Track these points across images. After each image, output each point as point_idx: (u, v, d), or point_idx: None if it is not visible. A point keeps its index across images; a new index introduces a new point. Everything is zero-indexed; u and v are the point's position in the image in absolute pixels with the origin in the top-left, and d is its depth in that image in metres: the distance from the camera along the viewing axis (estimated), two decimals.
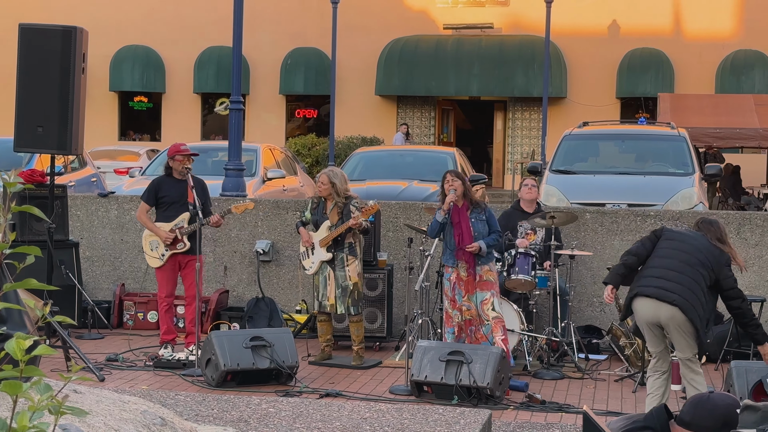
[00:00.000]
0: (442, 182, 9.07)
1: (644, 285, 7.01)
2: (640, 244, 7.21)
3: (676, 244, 7.10)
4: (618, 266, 7.11)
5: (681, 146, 14.36)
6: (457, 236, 8.86)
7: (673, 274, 6.98)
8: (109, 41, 30.32)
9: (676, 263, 7.00)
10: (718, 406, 3.41)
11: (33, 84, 9.11)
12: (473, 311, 8.90)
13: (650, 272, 7.02)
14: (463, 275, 8.91)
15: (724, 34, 29.43)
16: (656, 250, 7.10)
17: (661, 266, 7.00)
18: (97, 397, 3.81)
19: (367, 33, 30.42)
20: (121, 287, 11.35)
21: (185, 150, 9.57)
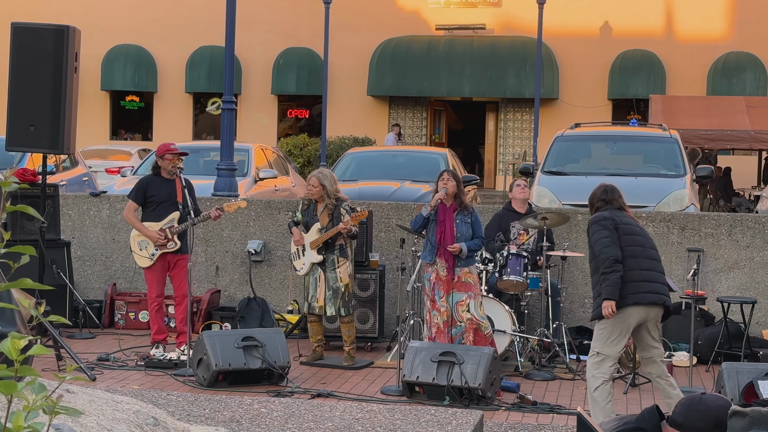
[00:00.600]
0: (438, 180, 9.10)
1: (637, 292, 7.04)
2: (615, 247, 7.14)
3: (638, 239, 7.23)
4: (615, 279, 7.03)
5: (672, 148, 14.38)
6: (439, 234, 8.90)
7: (653, 274, 7.09)
8: (101, 40, 30.26)
9: (649, 262, 7.18)
10: (710, 407, 3.42)
11: (25, 83, 9.09)
12: (449, 311, 8.92)
13: (636, 276, 7.05)
14: (442, 275, 8.93)
15: (716, 36, 29.50)
16: (624, 249, 7.12)
17: (640, 268, 7.07)
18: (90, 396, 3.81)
19: (360, 33, 30.42)
20: (112, 287, 11.34)
21: (174, 149, 9.57)
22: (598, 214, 7.37)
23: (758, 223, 10.58)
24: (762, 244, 10.49)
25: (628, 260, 7.13)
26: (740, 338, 9.79)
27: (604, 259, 7.09)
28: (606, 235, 7.19)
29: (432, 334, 8.94)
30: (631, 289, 7.07)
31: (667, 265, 10.54)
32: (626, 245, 7.15)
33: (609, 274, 7.04)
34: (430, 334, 8.98)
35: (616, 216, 7.32)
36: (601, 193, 7.54)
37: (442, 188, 8.95)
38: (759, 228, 10.53)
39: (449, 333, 8.91)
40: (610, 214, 7.28)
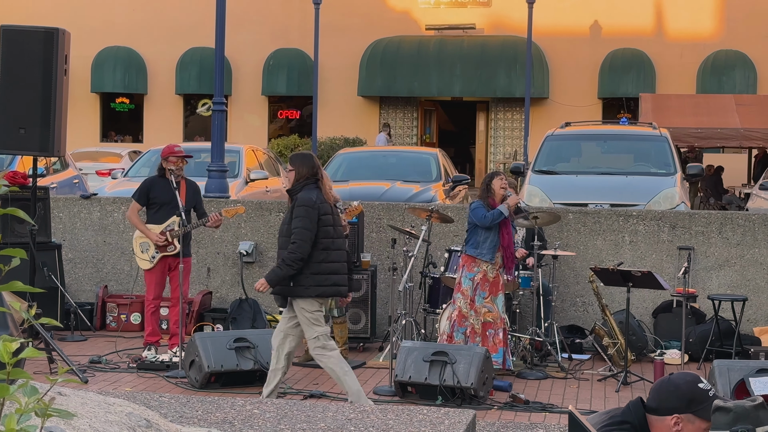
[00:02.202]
0: (492, 177, 9.09)
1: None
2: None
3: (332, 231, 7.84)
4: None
5: (663, 146, 14.41)
6: (506, 234, 8.89)
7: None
8: (91, 42, 30.22)
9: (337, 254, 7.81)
10: (679, 385, 3.47)
11: (15, 86, 9.07)
12: (495, 313, 8.89)
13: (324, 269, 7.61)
14: (490, 276, 8.89)
15: (705, 34, 29.56)
16: (319, 242, 7.61)
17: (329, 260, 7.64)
18: (82, 399, 3.81)
19: (350, 34, 30.43)
20: (103, 289, 11.32)
21: (179, 151, 9.55)
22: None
23: (748, 221, 10.61)
24: (752, 242, 10.53)
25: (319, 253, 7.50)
26: (731, 336, 9.81)
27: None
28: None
29: (467, 334, 8.86)
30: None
31: (658, 263, 10.57)
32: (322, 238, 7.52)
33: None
34: (465, 331, 8.89)
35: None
36: None
37: (503, 190, 8.99)
38: (749, 226, 10.56)
39: (489, 335, 8.86)
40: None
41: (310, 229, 7.41)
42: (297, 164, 7.66)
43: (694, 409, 3.42)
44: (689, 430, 3.42)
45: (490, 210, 8.86)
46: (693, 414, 3.42)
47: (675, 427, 3.43)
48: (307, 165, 7.64)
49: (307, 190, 7.53)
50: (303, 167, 7.63)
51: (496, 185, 9.01)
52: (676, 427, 3.43)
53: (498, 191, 8.99)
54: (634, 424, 3.45)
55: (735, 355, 9.55)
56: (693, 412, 3.42)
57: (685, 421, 3.42)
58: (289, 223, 7.48)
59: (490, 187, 9.02)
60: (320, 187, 7.59)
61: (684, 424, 3.42)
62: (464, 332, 8.87)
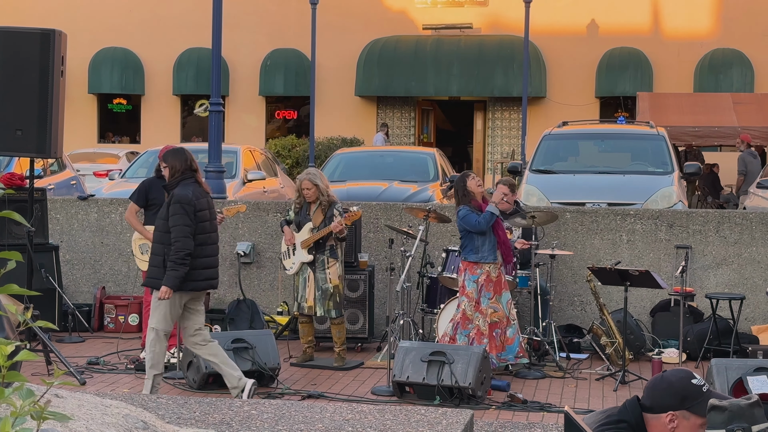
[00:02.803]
0: (464, 179, 9.02)
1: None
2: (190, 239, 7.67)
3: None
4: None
5: (660, 145, 14.42)
6: (501, 232, 8.87)
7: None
8: (88, 43, 30.20)
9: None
10: (672, 383, 3.48)
11: (11, 87, 9.07)
12: (501, 312, 8.88)
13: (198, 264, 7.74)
14: (493, 276, 8.87)
15: (702, 32, 29.57)
16: (198, 236, 7.76)
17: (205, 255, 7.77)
18: (79, 401, 3.81)
19: (347, 34, 30.42)
20: (101, 290, 11.32)
21: None
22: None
23: (746, 220, 10.62)
24: (750, 240, 10.53)
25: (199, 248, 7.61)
26: (729, 334, 9.82)
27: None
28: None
29: (471, 336, 8.84)
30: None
31: (656, 262, 10.57)
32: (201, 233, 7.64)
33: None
34: (468, 333, 8.88)
35: None
36: None
37: (481, 187, 8.99)
38: (747, 224, 10.56)
39: (496, 335, 8.85)
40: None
41: (189, 225, 7.54)
42: (170, 160, 7.77)
43: (688, 405, 3.43)
44: (685, 426, 3.43)
45: (479, 213, 8.82)
46: (687, 410, 3.43)
47: (670, 424, 3.43)
48: (180, 159, 7.73)
49: (183, 185, 7.65)
50: (176, 162, 7.73)
51: (472, 186, 8.96)
52: (672, 424, 3.44)
53: (477, 191, 8.96)
54: (630, 422, 3.46)
55: (733, 353, 9.56)
56: (687, 408, 3.43)
57: (680, 417, 3.43)
58: (165, 219, 7.61)
59: (468, 190, 8.96)
60: (197, 181, 7.72)
61: (679, 421, 3.43)
62: (468, 335, 8.85)
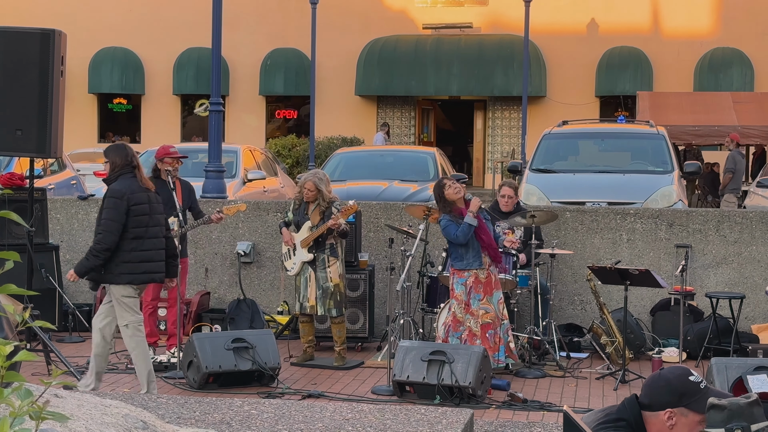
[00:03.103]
0: (441, 189, 8.94)
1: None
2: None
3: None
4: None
5: (660, 144, 14.41)
6: (483, 236, 8.81)
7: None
8: (88, 43, 30.20)
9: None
10: (670, 380, 3.49)
11: (11, 87, 9.06)
12: (492, 313, 8.87)
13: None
14: (482, 277, 8.86)
15: (702, 32, 29.56)
16: (130, 231, 7.90)
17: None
18: (79, 401, 3.81)
19: (347, 33, 30.42)
20: (101, 290, 11.28)
21: (174, 153, 9.52)
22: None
23: (746, 219, 10.61)
24: (750, 240, 10.53)
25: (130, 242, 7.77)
26: (729, 333, 9.82)
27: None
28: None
29: (463, 338, 8.84)
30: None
31: (656, 261, 10.57)
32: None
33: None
34: (460, 335, 8.88)
35: None
36: None
37: (458, 193, 8.87)
38: (747, 223, 10.56)
39: (489, 336, 8.85)
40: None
41: (116, 220, 7.67)
42: (111, 155, 7.95)
43: (686, 402, 3.43)
44: (683, 423, 3.43)
45: (460, 221, 8.78)
46: (686, 407, 3.43)
47: (669, 421, 3.44)
48: (121, 155, 7.91)
49: (121, 180, 7.81)
50: (117, 157, 7.90)
51: (450, 195, 8.88)
52: (670, 422, 3.44)
53: (455, 197, 8.90)
54: (629, 421, 3.46)
55: (733, 352, 9.56)
56: (685, 405, 3.43)
57: (678, 414, 3.43)
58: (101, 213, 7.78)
59: (446, 200, 8.91)
60: (136, 176, 7.86)
61: (677, 418, 3.43)
62: (459, 337, 8.85)
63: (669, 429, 3.44)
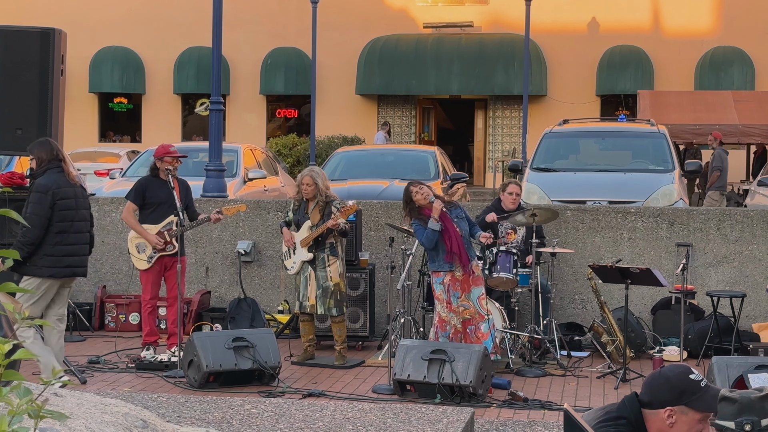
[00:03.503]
0: (408, 197, 8.97)
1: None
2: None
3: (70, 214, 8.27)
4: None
5: (661, 143, 14.41)
6: (447, 241, 8.81)
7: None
8: (88, 42, 30.21)
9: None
10: (670, 378, 3.49)
11: (11, 86, 9.07)
12: (471, 309, 8.88)
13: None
14: (458, 275, 8.87)
15: (703, 30, 29.55)
16: (55, 225, 8.04)
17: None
18: (78, 400, 3.80)
19: (347, 32, 30.42)
20: (102, 289, 11.31)
21: (174, 152, 9.51)
22: None
23: (747, 217, 10.61)
24: (751, 238, 10.52)
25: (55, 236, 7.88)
26: (730, 332, 9.81)
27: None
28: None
29: (450, 337, 8.86)
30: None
31: (657, 259, 10.57)
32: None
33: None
34: (448, 335, 8.91)
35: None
36: None
37: (429, 197, 8.87)
38: (747, 222, 10.56)
39: (470, 332, 8.85)
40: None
41: (41, 215, 7.80)
42: (36, 151, 8.07)
43: (686, 400, 3.43)
44: (683, 421, 3.43)
45: (426, 225, 8.82)
46: (686, 405, 3.43)
47: (669, 419, 3.44)
48: (46, 150, 8.04)
49: (47, 174, 7.93)
50: (42, 152, 8.03)
51: (418, 199, 8.91)
52: (670, 420, 3.44)
53: (423, 202, 8.91)
54: (629, 419, 3.46)
55: (734, 351, 9.55)
56: (685, 403, 3.43)
57: (678, 413, 3.43)
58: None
59: (414, 205, 8.95)
60: (63, 171, 7.96)
61: (677, 416, 3.43)
62: (447, 336, 8.87)
63: (669, 427, 3.44)
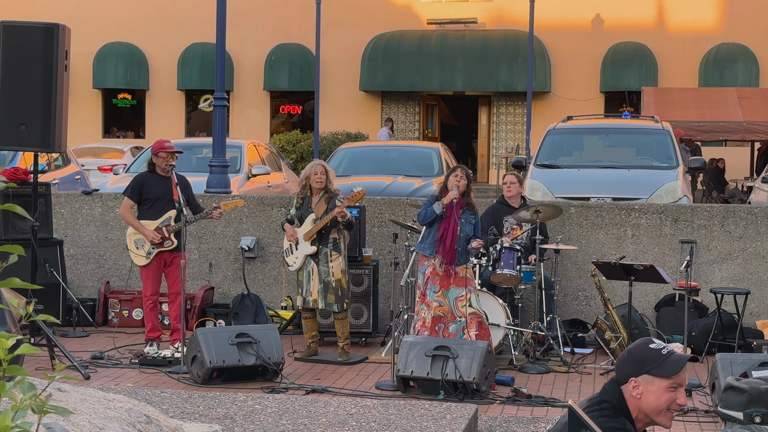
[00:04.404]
0: (449, 174, 9.06)
1: None
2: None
3: None
4: None
5: (665, 140, 14.39)
6: (442, 230, 8.85)
7: None
8: (93, 38, 30.22)
9: None
10: (630, 350, 3.55)
11: (15, 81, 9.07)
12: (445, 308, 8.90)
13: None
14: (439, 270, 8.90)
15: (707, 27, 29.52)
16: None
17: None
18: (82, 395, 3.80)
19: (351, 28, 30.41)
20: (105, 285, 11.32)
21: (170, 147, 9.52)
22: None
23: (751, 214, 10.60)
24: (755, 235, 10.51)
25: None
26: (734, 329, 9.80)
27: None
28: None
29: (416, 327, 8.92)
30: None
31: (661, 256, 10.56)
32: None
33: None
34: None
35: None
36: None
37: (454, 185, 8.91)
38: (751, 219, 10.55)
39: (438, 329, 8.88)
40: None
41: None
42: None
43: (648, 368, 3.43)
44: (650, 391, 3.43)
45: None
46: (648, 374, 3.43)
47: (635, 390, 3.44)
48: None
49: None
50: None
51: (450, 181, 9.00)
52: (636, 391, 3.44)
53: (449, 184, 8.99)
54: (612, 402, 3.47)
55: (738, 348, 9.54)
56: (648, 371, 3.43)
57: (642, 383, 3.43)
58: None
59: (444, 186, 9.06)
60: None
61: (643, 386, 3.43)
62: (414, 326, 8.92)
63: (637, 399, 3.44)
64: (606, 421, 3.36)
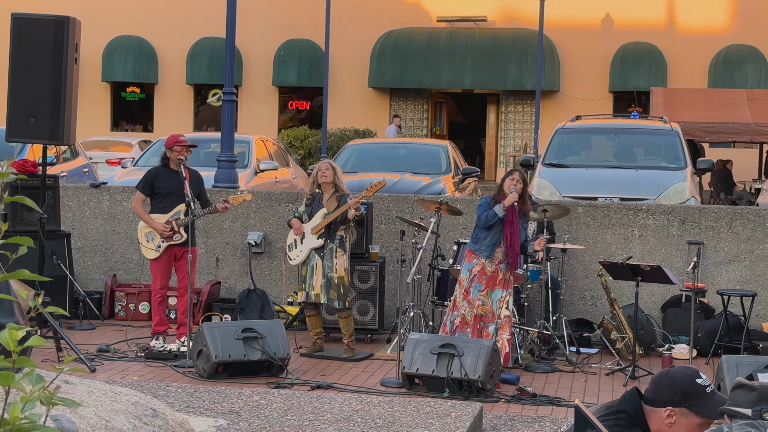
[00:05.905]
0: (505, 177, 9.09)
1: None
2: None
3: None
4: None
5: (673, 140, 14.37)
6: (509, 234, 8.87)
7: None
8: (102, 31, 30.25)
9: None
10: (676, 378, 3.47)
11: (25, 74, 9.08)
12: (488, 307, 8.89)
13: None
14: (488, 270, 8.89)
15: (718, 28, 29.46)
16: None
17: None
18: (89, 388, 3.81)
19: (361, 25, 30.40)
20: (112, 278, 11.34)
21: (184, 141, 9.53)
22: None
23: (758, 216, 10.58)
24: (762, 237, 10.49)
25: None
26: (740, 331, 9.79)
27: None
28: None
29: (455, 323, 8.90)
30: None
31: (668, 257, 10.55)
32: None
33: None
34: (444, 322, 8.94)
35: None
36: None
37: (511, 188, 8.93)
38: (759, 221, 10.53)
39: (479, 328, 8.86)
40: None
41: None
42: None
43: (688, 403, 3.41)
44: (682, 423, 3.41)
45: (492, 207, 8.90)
46: (687, 408, 3.41)
47: (668, 419, 3.42)
48: None
49: None
50: None
51: (506, 185, 9.02)
52: (669, 420, 3.42)
53: (506, 187, 9.00)
54: (630, 413, 3.45)
55: (744, 350, 9.53)
56: (687, 406, 3.41)
57: (678, 414, 3.41)
58: None
59: (501, 187, 9.08)
60: None
61: (677, 418, 3.41)
62: (453, 321, 8.90)
63: (668, 427, 3.42)
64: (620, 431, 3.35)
